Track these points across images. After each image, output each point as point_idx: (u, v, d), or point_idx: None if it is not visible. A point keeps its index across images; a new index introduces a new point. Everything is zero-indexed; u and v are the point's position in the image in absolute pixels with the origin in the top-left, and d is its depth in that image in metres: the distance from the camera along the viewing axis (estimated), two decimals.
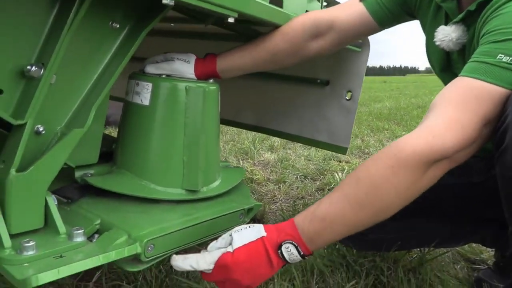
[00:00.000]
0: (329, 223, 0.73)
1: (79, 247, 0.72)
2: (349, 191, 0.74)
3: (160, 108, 0.93)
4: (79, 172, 0.93)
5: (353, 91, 1.51)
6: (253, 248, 0.72)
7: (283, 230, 0.74)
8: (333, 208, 0.73)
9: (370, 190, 0.72)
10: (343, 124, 1.54)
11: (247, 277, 0.72)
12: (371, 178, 0.73)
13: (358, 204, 0.72)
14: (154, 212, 0.88)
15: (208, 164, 0.98)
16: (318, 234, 0.73)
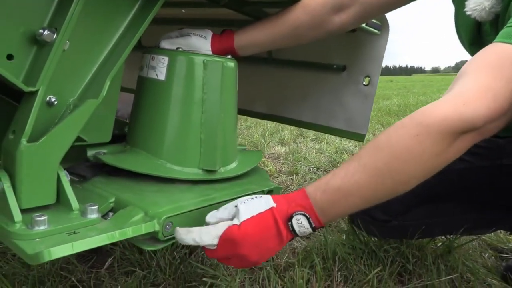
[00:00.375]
0: (343, 195, 0.67)
1: (93, 224, 0.67)
2: (367, 160, 0.67)
3: (177, 83, 0.88)
4: (92, 150, 0.89)
5: (371, 76, 1.46)
6: (262, 220, 0.67)
7: (294, 201, 0.69)
8: (349, 178, 0.67)
9: (390, 161, 0.66)
10: (360, 110, 1.49)
11: (255, 252, 0.67)
12: (392, 147, 0.66)
13: (376, 175, 0.66)
14: (170, 191, 0.83)
15: (226, 144, 0.94)
16: (331, 206, 0.68)
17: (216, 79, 0.89)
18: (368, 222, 1.00)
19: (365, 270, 1.00)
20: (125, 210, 0.72)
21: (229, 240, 0.66)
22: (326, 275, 0.99)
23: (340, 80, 1.53)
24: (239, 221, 0.66)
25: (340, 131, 1.53)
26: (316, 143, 2.90)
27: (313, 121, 1.62)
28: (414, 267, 1.01)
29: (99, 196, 0.77)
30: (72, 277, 0.98)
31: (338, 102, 1.54)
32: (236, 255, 0.67)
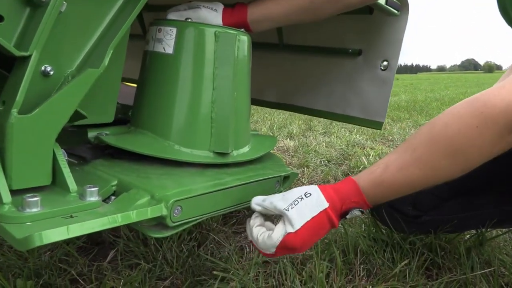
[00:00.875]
0: (396, 189, 0.68)
1: (93, 207, 0.60)
2: (423, 153, 0.66)
3: (186, 56, 0.80)
4: (93, 131, 0.81)
5: (389, 60, 1.37)
6: (317, 223, 0.66)
7: (348, 198, 0.68)
8: (403, 174, 0.67)
9: (449, 153, 0.64)
10: (378, 96, 1.41)
11: (307, 247, 0.68)
12: (451, 139, 0.63)
13: (432, 169, 0.66)
14: (179, 174, 0.75)
15: (239, 125, 0.86)
16: (383, 198, 0.70)
17: (229, 53, 0.81)
18: (395, 217, 0.92)
19: (389, 263, 0.91)
20: (129, 193, 0.64)
21: (288, 249, 0.66)
22: (347, 269, 0.91)
23: (355, 65, 1.45)
24: (294, 229, 0.65)
25: (356, 119, 1.45)
26: (326, 137, 2.82)
27: (327, 109, 1.54)
28: (444, 261, 0.93)
29: (100, 179, 0.69)
30: (71, 270, 0.90)
31: (353, 88, 1.46)
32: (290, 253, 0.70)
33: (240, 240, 1.17)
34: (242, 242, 1.15)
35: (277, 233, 0.65)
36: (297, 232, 0.64)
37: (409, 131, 3.19)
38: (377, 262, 0.91)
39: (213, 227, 1.18)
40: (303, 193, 0.67)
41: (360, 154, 2.30)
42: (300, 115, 3.92)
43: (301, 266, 0.90)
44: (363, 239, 0.97)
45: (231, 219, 1.28)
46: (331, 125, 3.36)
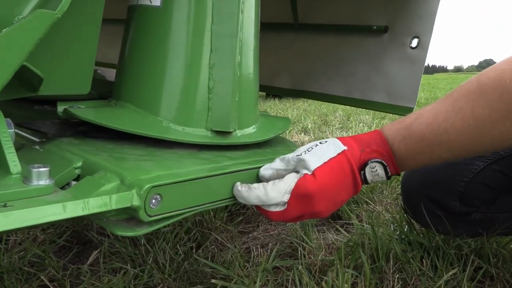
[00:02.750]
0: (428, 145, 0.53)
1: (40, 194, 0.43)
2: (465, 103, 0.50)
3: (177, 9, 0.64)
4: (63, 105, 0.65)
5: (420, 36, 1.20)
6: (338, 166, 0.54)
7: (368, 145, 0.56)
8: (438, 125, 0.52)
9: (499, 105, 0.48)
10: (407, 79, 1.24)
11: (330, 206, 0.56)
12: (505, 88, 0.48)
13: (477, 124, 0.50)
14: (164, 156, 0.59)
15: (244, 99, 0.69)
16: (411, 157, 0.55)
17: (231, 5, 0.64)
18: (436, 214, 0.74)
19: (429, 273, 0.73)
20: (92, 177, 0.48)
21: (305, 195, 0.53)
22: (377, 278, 0.73)
23: (380, 44, 1.28)
24: (310, 171, 0.53)
25: (381, 104, 1.28)
26: (343, 131, 2.63)
27: (347, 95, 1.37)
28: (499, 270, 0.74)
29: (62, 159, 0.53)
30: (41, 275, 0.74)
31: (378, 70, 1.29)
32: (311, 213, 0.55)
33: (247, 241, 1.00)
34: (249, 243, 0.98)
35: (292, 176, 0.54)
36: (314, 173, 0.53)
37: None
38: (415, 271, 0.74)
39: (216, 225, 1.01)
40: (318, 142, 0.57)
41: None
42: (315, 111, 3.74)
43: (321, 275, 0.73)
44: (396, 242, 0.80)
45: (237, 216, 1.12)
46: (348, 120, 3.17)
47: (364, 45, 1.31)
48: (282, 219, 0.56)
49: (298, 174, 0.54)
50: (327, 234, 0.94)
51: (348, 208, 1.10)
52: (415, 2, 1.19)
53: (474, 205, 0.73)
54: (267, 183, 0.55)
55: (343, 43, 1.36)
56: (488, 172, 0.71)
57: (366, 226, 0.90)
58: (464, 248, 0.75)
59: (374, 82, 1.30)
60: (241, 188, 0.55)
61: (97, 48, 0.62)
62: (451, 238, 0.77)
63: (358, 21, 1.32)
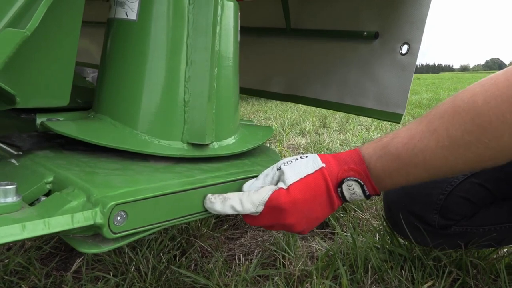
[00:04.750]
0: (404, 164, 0.54)
1: (5, 211, 0.44)
2: (440, 124, 0.51)
3: (153, 23, 0.64)
4: (42, 117, 0.66)
5: (410, 42, 1.20)
6: (312, 182, 0.55)
7: (346, 163, 0.57)
8: (414, 145, 0.53)
9: (471, 128, 0.49)
10: (396, 85, 1.24)
11: (302, 220, 0.56)
12: (477, 110, 0.48)
13: (452, 145, 0.50)
14: (137, 170, 0.59)
15: (221, 110, 0.70)
16: (388, 176, 0.55)
17: (206, 18, 0.64)
18: (416, 226, 0.74)
19: (408, 284, 0.74)
20: (60, 193, 0.49)
21: (277, 208, 0.55)
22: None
23: (371, 49, 1.28)
24: (286, 185, 0.55)
25: (371, 110, 1.28)
26: (341, 134, 2.63)
27: (338, 101, 1.37)
28: (476, 282, 0.74)
29: (33, 174, 0.54)
30: (22, 284, 0.75)
31: (368, 76, 1.29)
32: (282, 224, 0.57)
33: (234, 247, 1.01)
34: (236, 250, 0.99)
35: (267, 188, 0.56)
36: (289, 188, 0.55)
37: None
38: (393, 282, 0.74)
39: (202, 232, 1.02)
40: (299, 156, 0.59)
41: None
42: (315, 113, 3.74)
43: (298, 284, 0.73)
44: (376, 252, 0.80)
45: (226, 222, 1.13)
46: (347, 122, 3.16)
47: (355, 51, 1.31)
48: (253, 224, 0.59)
49: (274, 187, 0.56)
50: (311, 242, 0.94)
51: (336, 216, 1.11)
52: (405, 9, 1.19)
53: (453, 218, 0.73)
54: (242, 193, 0.57)
55: (334, 48, 1.36)
56: (467, 185, 0.72)
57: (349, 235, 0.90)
58: (443, 259, 0.75)
59: (364, 88, 1.30)
60: (214, 200, 0.56)
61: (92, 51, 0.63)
62: (430, 249, 0.77)
63: (349, 27, 1.32)
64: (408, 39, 1.19)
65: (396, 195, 0.77)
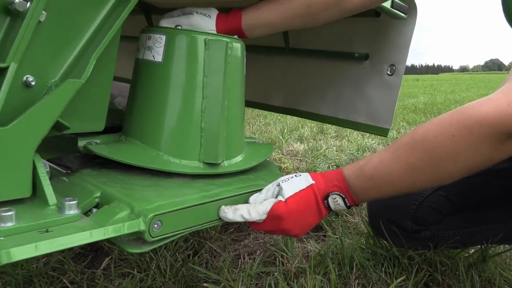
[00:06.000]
0: (376, 183, 0.68)
1: (71, 221, 0.59)
2: (402, 154, 0.66)
3: (175, 64, 0.79)
4: (83, 140, 0.80)
5: (396, 64, 1.34)
6: (305, 196, 0.70)
7: (331, 181, 0.71)
8: (382, 169, 0.67)
9: (425, 158, 0.63)
10: (384, 102, 1.37)
11: (297, 226, 0.71)
12: (427, 144, 0.63)
13: (409, 170, 0.65)
14: (165, 186, 0.74)
15: (231, 134, 0.84)
16: (364, 192, 0.70)
17: (219, 61, 0.79)
18: (393, 231, 0.89)
19: (386, 278, 0.88)
20: (109, 206, 0.63)
21: (276, 216, 0.69)
22: (342, 283, 0.88)
23: (362, 69, 1.41)
24: (284, 198, 0.69)
25: (362, 125, 1.41)
26: (337, 140, 2.77)
27: (332, 115, 1.51)
28: (443, 277, 0.89)
29: (83, 190, 0.68)
30: (63, 278, 0.90)
31: (360, 93, 1.42)
32: (281, 230, 0.71)
33: (239, 248, 1.15)
34: (240, 250, 1.13)
35: (269, 201, 0.70)
36: (286, 201, 0.69)
37: None
38: (374, 277, 0.88)
39: (211, 235, 1.16)
40: (294, 174, 0.74)
41: None
42: None
43: (293, 280, 0.88)
44: (360, 252, 0.94)
45: (231, 226, 1.27)
46: (344, 128, 3.30)
47: (347, 70, 1.44)
48: (258, 229, 0.73)
49: (275, 200, 0.70)
50: (306, 244, 1.09)
51: (329, 220, 1.25)
52: (392, 34, 1.32)
53: (424, 224, 0.87)
54: (250, 204, 0.71)
55: (329, 67, 1.49)
56: (435, 197, 0.86)
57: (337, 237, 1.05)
58: (416, 258, 0.89)
59: (356, 104, 1.43)
60: (227, 210, 0.70)
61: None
62: (406, 250, 0.91)
63: (342, 48, 1.45)
64: (394, 61, 1.33)
65: (377, 205, 0.92)
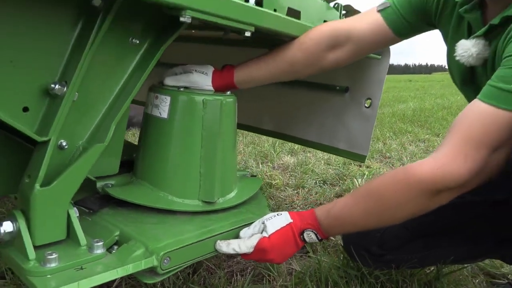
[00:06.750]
0: (341, 223, 0.87)
1: (98, 259, 0.75)
2: (361, 200, 0.84)
3: (178, 121, 0.95)
4: (101, 182, 0.96)
5: (372, 98, 1.50)
6: (284, 233, 0.87)
7: (305, 220, 0.89)
8: (346, 211, 0.86)
9: (378, 205, 0.82)
10: (362, 131, 1.53)
11: (279, 256, 0.87)
12: (379, 195, 0.81)
13: (366, 214, 0.84)
14: (171, 223, 0.90)
15: (225, 176, 1.00)
16: (331, 229, 0.88)
17: (215, 116, 0.95)
18: (362, 254, 1.06)
19: None
20: (127, 245, 0.79)
21: (261, 249, 0.86)
22: None
23: (343, 101, 1.57)
24: (267, 234, 0.87)
25: (342, 151, 1.57)
26: (325, 154, 2.94)
27: (317, 141, 1.66)
28: None
29: (105, 230, 0.84)
30: None
31: (341, 122, 1.58)
32: (265, 259, 0.88)
33: (232, 265, 1.31)
34: (233, 267, 1.29)
35: (256, 237, 0.88)
36: (270, 237, 0.86)
37: (408, 147, 3.29)
38: None
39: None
40: (276, 213, 0.91)
41: (355, 173, 2.42)
42: None
43: None
44: (335, 271, 1.11)
45: None
46: None
47: (330, 101, 1.61)
48: (247, 259, 0.91)
49: (260, 235, 0.88)
50: (291, 263, 1.25)
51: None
52: (368, 71, 1.48)
53: (387, 249, 1.04)
54: (240, 239, 0.88)
55: (315, 97, 1.65)
56: (396, 227, 1.03)
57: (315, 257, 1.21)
58: (381, 277, 1.06)
59: (338, 132, 1.59)
60: (222, 244, 0.87)
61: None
62: (373, 270, 1.08)
63: (326, 81, 1.61)
64: (371, 95, 1.49)
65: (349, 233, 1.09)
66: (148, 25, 0.85)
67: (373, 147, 3.15)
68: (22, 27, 0.68)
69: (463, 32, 0.92)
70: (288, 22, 1.00)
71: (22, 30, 0.68)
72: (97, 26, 0.74)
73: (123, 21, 0.80)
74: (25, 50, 0.70)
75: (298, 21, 1.04)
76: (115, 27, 0.78)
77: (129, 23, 0.83)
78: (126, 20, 0.81)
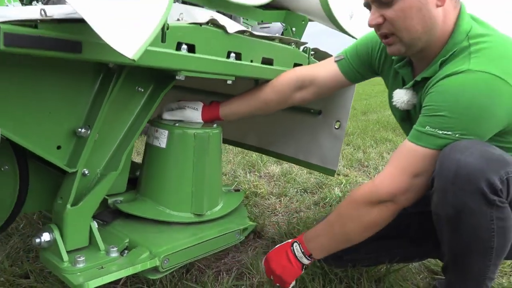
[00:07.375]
0: (320, 242, 1.13)
1: (114, 260, 0.99)
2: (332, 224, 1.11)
3: (174, 150, 1.19)
4: (111, 199, 1.20)
5: (341, 121, 1.73)
6: (280, 248, 1.16)
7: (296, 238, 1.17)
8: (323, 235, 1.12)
9: (343, 230, 1.08)
10: (332, 149, 1.77)
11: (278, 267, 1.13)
12: (343, 221, 1.07)
13: (335, 235, 1.10)
14: (168, 232, 1.14)
15: (212, 192, 1.24)
16: (313, 247, 1.13)
17: (204, 146, 1.19)
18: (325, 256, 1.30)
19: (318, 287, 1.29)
20: (136, 250, 1.03)
21: (266, 260, 1.16)
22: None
23: (316, 122, 1.81)
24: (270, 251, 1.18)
25: (315, 165, 1.81)
26: None
27: (294, 156, 1.90)
28: (358, 286, 1.30)
29: (117, 238, 1.08)
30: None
31: (314, 141, 1.82)
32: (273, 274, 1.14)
33: (220, 265, 1.55)
34: (221, 267, 1.53)
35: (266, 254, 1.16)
36: (271, 251, 1.16)
37: (386, 156, 3.55)
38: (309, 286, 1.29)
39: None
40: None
41: (334, 182, 2.67)
42: None
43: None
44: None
45: None
46: None
47: (306, 122, 1.84)
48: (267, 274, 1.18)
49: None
50: None
51: None
52: (337, 97, 1.72)
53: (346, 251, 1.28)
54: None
55: (293, 118, 1.89)
56: None
57: None
58: (339, 274, 1.31)
59: (312, 149, 1.83)
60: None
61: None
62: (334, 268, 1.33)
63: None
64: (339, 118, 1.74)
65: None
66: (150, 77, 1.10)
67: (353, 156, 3.41)
68: (58, 86, 0.92)
69: (399, 82, 1.17)
70: (262, 69, 1.24)
71: (58, 88, 0.92)
72: (113, 83, 0.98)
73: (131, 76, 1.04)
74: (59, 103, 0.93)
75: (271, 67, 1.28)
76: (126, 81, 1.02)
77: (136, 77, 1.07)
78: (134, 75, 1.05)
